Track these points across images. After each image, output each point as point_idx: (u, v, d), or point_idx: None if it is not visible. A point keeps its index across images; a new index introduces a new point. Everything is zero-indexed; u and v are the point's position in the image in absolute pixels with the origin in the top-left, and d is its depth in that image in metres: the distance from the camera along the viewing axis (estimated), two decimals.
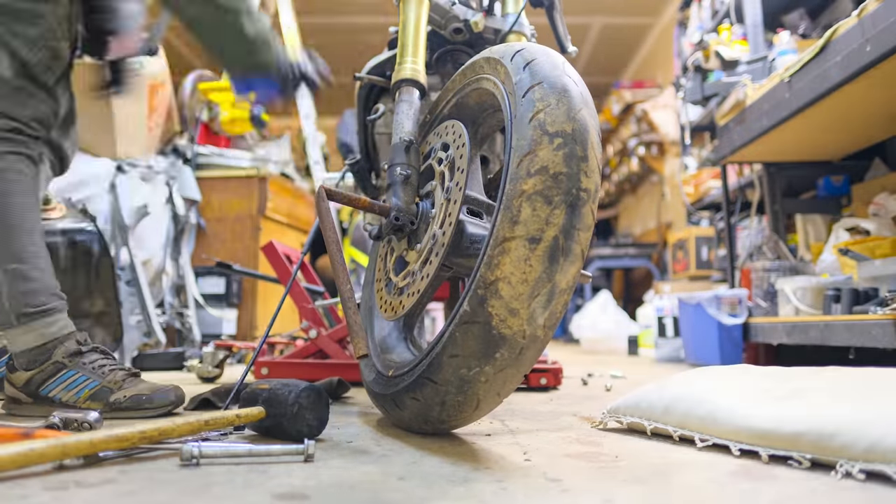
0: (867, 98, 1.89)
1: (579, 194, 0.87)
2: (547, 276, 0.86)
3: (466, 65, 1.15)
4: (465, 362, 0.89)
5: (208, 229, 3.23)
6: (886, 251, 1.83)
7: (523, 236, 0.85)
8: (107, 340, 2.21)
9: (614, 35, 6.61)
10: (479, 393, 0.92)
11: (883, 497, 0.68)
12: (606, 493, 0.70)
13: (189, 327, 2.86)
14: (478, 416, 0.97)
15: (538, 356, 0.92)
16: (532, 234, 0.85)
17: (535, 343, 0.89)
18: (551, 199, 0.85)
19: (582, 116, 0.90)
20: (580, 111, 0.91)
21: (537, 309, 0.86)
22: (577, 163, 0.87)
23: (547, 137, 0.88)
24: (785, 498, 0.69)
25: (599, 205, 7.68)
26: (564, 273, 0.87)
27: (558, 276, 0.86)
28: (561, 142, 0.87)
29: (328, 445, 0.95)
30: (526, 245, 0.85)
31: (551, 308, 0.87)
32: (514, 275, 0.85)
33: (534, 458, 0.88)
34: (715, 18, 3.41)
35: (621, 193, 7.21)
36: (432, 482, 0.74)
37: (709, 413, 0.94)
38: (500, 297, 0.85)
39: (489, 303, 0.86)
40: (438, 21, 1.39)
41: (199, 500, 0.66)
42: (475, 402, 0.93)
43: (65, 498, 0.66)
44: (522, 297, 0.85)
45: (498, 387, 0.92)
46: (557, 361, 1.87)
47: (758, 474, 0.78)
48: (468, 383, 0.91)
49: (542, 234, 0.85)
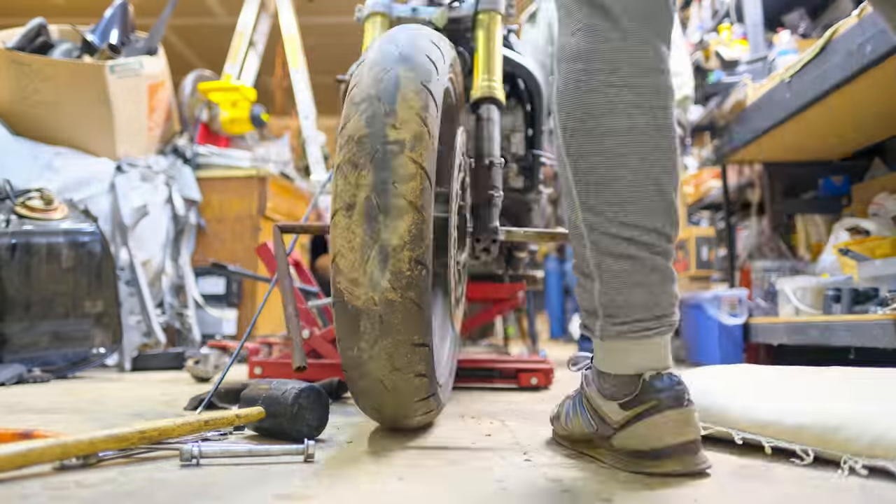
0: (867, 98, 1.89)
1: (387, 148, 0.86)
2: (371, 238, 0.85)
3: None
4: (347, 345, 0.90)
5: (208, 229, 3.23)
6: (886, 251, 1.83)
7: (341, 207, 0.87)
8: (106, 341, 2.21)
9: None
10: (373, 372, 0.90)
11: (883, 498, 0.68)
12: (606, 493, 0.70)
13: (189, 327, 2.85)
14: (403, 400, 0.93)
15: (420, 319, 0.88)
16: (347, 202, 0.86)
17: (394, 306, 0.86)
18: (357, 162, 0.87)
19: (393, 74, 0.90)
20: (390, 70, 0.91)
21: (374, 272, 0.85)
22: (381, 119, 0.87)
23: (354, 108, 0.90)
24: (785, 498, 0.69)
25: None
26: (391, 229, 0.85)
27: (385, 235, 0.85)
28: (365, 106, 0.89)
29: (328, 446, 0.95)
30: (344, 214, 0.86)
31: (391, 268, 0.85)
32: (344, 246, 0.87)
33: (534, 458, 0.88)
34: (715, 18, 3.41)
35: None
36: (432, 482, 0.74)
37: (711, 404, 0.94)
38: (341, 271, 0.87)
39: (337, 279, 0.88)
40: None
41: (199, 500, 0.66)
42: (381, 384, 0.91)
43: (65, 498, 0.66)
44: (356, 265, 0.86)
45: (387, 362, 0.89)
46: (550, 361, 1.86)
47: (758, 474, 0.78)
48: (360, 365, 0.90)
49: (355, 198, 0.86)
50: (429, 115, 0.89)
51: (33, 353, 2.04)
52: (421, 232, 0.86)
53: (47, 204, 2.19)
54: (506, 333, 3.45)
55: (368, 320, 0.87)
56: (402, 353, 0.89)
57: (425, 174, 0.87)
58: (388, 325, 0.87)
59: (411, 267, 0.86)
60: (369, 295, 0.86)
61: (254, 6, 3.62)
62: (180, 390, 1.69)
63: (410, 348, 0.89)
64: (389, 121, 0.87)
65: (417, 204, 0.86)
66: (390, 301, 0.86)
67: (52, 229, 2.14)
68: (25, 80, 2.60)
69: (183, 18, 5.88)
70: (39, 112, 2.66)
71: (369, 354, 0.89)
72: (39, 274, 2.08)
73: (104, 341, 2.20)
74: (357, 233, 0.86)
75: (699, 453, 0.77)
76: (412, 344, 0.89)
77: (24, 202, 2.16)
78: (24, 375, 1.88)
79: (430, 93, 0.90)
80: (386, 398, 0.94)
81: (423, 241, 0.86)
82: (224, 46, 3.68)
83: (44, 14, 3.09)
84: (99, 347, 2.18)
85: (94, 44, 2.80)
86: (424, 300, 0.88)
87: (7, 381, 1.80)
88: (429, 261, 0.88)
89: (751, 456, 0.88)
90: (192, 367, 1.92)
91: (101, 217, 2.55)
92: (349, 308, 0.88)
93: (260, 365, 1.76)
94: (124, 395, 1.61)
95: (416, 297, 0.87)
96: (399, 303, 0.86)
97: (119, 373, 2.29)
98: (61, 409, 1.35)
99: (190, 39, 6.51)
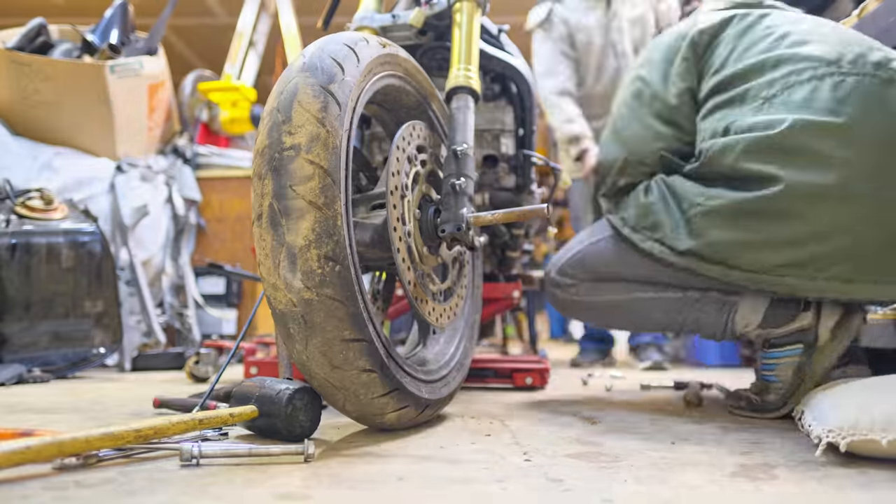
0: None
1: (283, 154, 0.89)
2: (278, 242, 0.88)
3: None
4: (289, 349, 0.93)
5: (208, 229, 3.23)
6: None
7: (254, 218, 0.91)
8: (106, 341, 2.21)
9: None
10: (316, 372, 0.92)
11: (883, 497, 0.68)
12: (606, 493, 0.70)
13: (189, 327, 2.85)
14: (357, 398, 0.95)
15: (345, 314, 0.89)
16: (257, 212, 0.90)
17: (313, 305, 0.88)
18: (260, 173, 0.90)
19: (292, 84, 0.93)
20: (290, 81, 0.93)
21: (286, 275, 0.88)
22: (278, 128, 0.90)
23: (261, 123, 0.93)
24: (785, 498, 0.69)
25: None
26: (294, 231, 0.87)
27: (289, 237, 0.87)
28: (267, 119, 0.92)
29: (328, 446, 0.95)
30: (256, 223, 0.90)
31: (301, 267, 0.87)
32: (260, 254, 0.90)
33: (534, 458, 0.88)
34: None
35: None
36: (432, 482, 0.74)
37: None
38: (263, 278, 0.91)
39: (265, 287, 0.91)
40: (397, 37, 1.47)
41: (199, 500, 0.66)
42: (328, 384, 0.93)
43: (66, 498, 0.66)
44: (271, 270, 0.89)
45: (323, 360, 0.90)
46: (546, 360, 1.86)
47: (758, 474, 0.78)
48: (304, 367, 0.93)
49: (262, 207, 0.90)
50: (328, 115, 0.91)
51: (33, 353, 2.04)
52: (327, 229, 0.88)
53: (47, 204, 2.19)
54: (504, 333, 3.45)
55: (294, 322, 0.90)
56: (335, 350, 0.90)
57: (325, 172, 0.88)
58: (312, 324, 0.89)
59: (321, 265, 0.87)
60: (287, 297, 0.89)
61: (254, 6, 3.62)
62: (180, 390, 1.69)
63: (344, 345, 0.90)
64: (285, 128, 0.90)
65: (318, 203, 0.87)
66: (307, 301, 0.88)
67: (51, 229, 2.14)
68: (25, 80, 2.60)
69: (183, 18, 5.88)
70: (39, 112, 2.66)
71: (306, 355, 0.91)
72: (39, 274, 2.08)
73: (104, 341, 2.20)
74: (267, 239, 0.89)
75: None
76: (343, 340, 0.90)
77: (24, 202, 2.16)
78: (24, 375, 1.88)
79: (330, 94, 0.92)
80: (339, 397, 0.96)
81: (332, 238, 0.88)
82: (224, 46, 3.68)
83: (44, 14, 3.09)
84: (99, 347, 2.18)
85: (94, 44, 2.80)
86: (346, 295, 0.89)
87: (7, 381, 1.80)
88: (344, 255, 0.89)
89: (751, 455, 0.88)
90: (193, 366, 1.92)
91: (101, 217, 2.55)
92: (277, 313, 0.91)
93: (256, 365, 1.76)
94: (124, 395, 1.61)
95: (335, 293, 0.88)
96: (317, 301, 0.88)
97: (119, 373, 2.29)
98: (61, 409, 1.35)
99: (190, 39, 6.51)
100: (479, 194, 1.73)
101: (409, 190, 1.11)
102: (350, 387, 0.94)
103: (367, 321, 0.92)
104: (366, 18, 1.48)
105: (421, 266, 1.13)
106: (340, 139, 0.92)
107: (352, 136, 0.97)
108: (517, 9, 6.02)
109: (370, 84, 1.07)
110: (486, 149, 1.70)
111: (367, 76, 1.05)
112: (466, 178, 1.15)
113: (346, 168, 0.93)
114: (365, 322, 0.92)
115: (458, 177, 1.14)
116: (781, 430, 1.09)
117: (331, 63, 0.95)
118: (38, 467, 0.77)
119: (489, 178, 1.71)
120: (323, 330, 0.89)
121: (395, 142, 1.09)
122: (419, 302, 1.11)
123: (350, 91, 0.96)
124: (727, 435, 1.05)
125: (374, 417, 1.00)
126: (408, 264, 1.08)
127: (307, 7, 3.81)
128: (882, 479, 0.74)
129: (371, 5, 1.52)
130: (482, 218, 1.12)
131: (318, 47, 0.98)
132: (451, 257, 1.24)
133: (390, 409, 0.99)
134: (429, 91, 1.30)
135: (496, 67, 1.62)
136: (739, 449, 0.93)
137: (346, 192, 0.93)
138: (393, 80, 1.16)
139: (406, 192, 1.10)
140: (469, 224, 1.12)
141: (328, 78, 0.94)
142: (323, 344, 0.90)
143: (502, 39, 1.69)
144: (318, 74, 0.94)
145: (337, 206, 0.89)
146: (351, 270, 0.90)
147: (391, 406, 0.99)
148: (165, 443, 0.88)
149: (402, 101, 1.26)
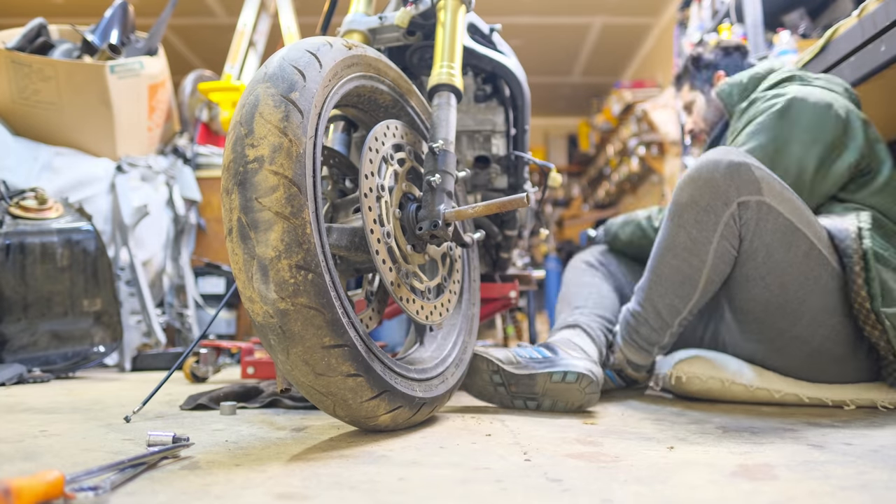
0: (867, 99, 1.88)
1: (247, 168, 0.89)
2: (249, 255, 0.88)
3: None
4: (274, 358, 0.94)
5: (208, 229, 3.23)
6: None
7: (226, 233, 0.91)
8: (106, 339, 2.21)
9: (614, 35, 6.61)
10: (302, 380, 0.93)
11: (883, 497, 0.68)
12: (606, 493, 0.70)
13: (189, 327, 2.86)
14: (346, 403, 0.96)
15: (322, 322, 0.89)
16: (228, 227, 0.91)
17: (289, 315, 0.88)
18: (227, 188, 0.91)
19: (253, 97, 0.93)
20: (252, 93, 0.93)
21: (260, 287, 0.88)
22: (241, 142, 0.90)
23: (227, 141, 0.93)
24: (785, 498, 0.69)
25: (600, 205, 7.69)
26: (263, 243, 0.87)
27: (259, 249, 0.88)
28: (231, 134, 0.92)
29: (328, 446, 0.95)
30: (228, 238, 0.91)
31: (273, 278, 0.87)
32: (235, 268, 0.90)
33: (534, 458, 0.88)
34: (715, 18, 3.41)
35: (621, 193, 7.20)
36: (432, 482, 0.74)
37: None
38: (240, 292, 0.91)
39: (243, 301, 0.91)
40: (386, 39, 1.48)
41: (199, 500, 0.66)
42: (314, 391, 0.94)
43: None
44: (246, 284, 0.89)
45: (306, 368, 0.91)
46: None
47: (758, 474, 0.78)
48: (290, 376, 0.94)
49: (231, 222, 0.90)
50: (289, 125, 0.91)
51: (33, 352, 2.04)
52: (296, 238, 0.88)
53: (41, 203, 2.19)
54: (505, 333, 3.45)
55: (273, 333, 0.90)
56: (317, 358, 0.90)
57: (290, 182, 0.88)
58: (290, 334, 0.89)
59: (293, 274, 0.87)
60: (264, 309, 0.89)
61: (254, 6, 3.63)
62: (180, 390, 1.69)
63: (325, 352, 0.90)
64: (248, 141, 0.90)
65: (285, 213, 0.87)
66: (283, 311, 0.88)
67: (45, 228, 2.14)
68: (25, 80, 2.60)
69: (183, 18, 5.88)
70: (39, 112, 2.67)
71: (289, 365, 0.92)
72: (35, 273, 2.08)
73: (104, 339, 2.20)
74: (239, 253, 0.89)
75: None
76: (324, 347, 0.90)
77: (17, 202, 2.16)
78: (24, 375, 1.88)
79: (291, 103, 0.92)
80: (328, 403, 0.96)
81: (302, 246, 0.88)
82: (224, 46, 3.68)
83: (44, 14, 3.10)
84: (99, 345, 2.18)
85: (94, 44, 2.80)
86: (322, 302, 0.89)
87: (7, 381, 1.81)
88: (315, 263, 0.89)
89: (751, 455, 0.88)
90: (193, 366, 1.92)
91: (101, 217, 2.55)
92: (257, 325, 0.92)
93: (252, 365, 1.76)
94: (124, 394, 1.61)
95: (310, 301, 0.88)
96: (293, 311, 0.88)
97: (119, 373, 2.29)
98: (61, 409, 1.35)
99: (190, 39, 6.52)
100: (471, 195, 1.72)
101: (385, 190, 1.11)
102: (337, 392, 0.94)
103: (347, 326, 0.92)
104: (354, 21, 1.49)
105: (405, 265, 1.13)
106: (304, 147, 0.92)
107: (318, 143, 0.97)
108: (515, 10, 6.02)
109: (336, 88, 1.07)
110: (478, 150, 1.69)
111: (333, 80, 1.05)
112: (444, 175, 1.15)
113: (314, 175, 0.94)
114: (345, 327, 0.92)
115: (435, 174, 1.14)
116: (781, 431, 1.09)
117: (291, 71, 0.95)
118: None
119: (482, 180, 1.71)
120: (302, 339, 0.89)
121: (366, 142, 1.09)
122: (405, 301, 1.11)
123: (313, 97, 0.96)
124: (727, 435, 1.05)
125: (368, 420, 1.00)
126: (389, 265, 1.08)
127: (307, 7, 3.81)
128: (882, 479, 0.74)
129: (361, 8, 1.52)
130: (462, 212, 1.12)
131: (281, 56, 0.98)
132: (440, 254, 1.24)
133: (382, 411, 0.99)
134: (405, 88, 1.29)
135: (487, 67, 1.60)
136: (739, 449, 0.93)
137: (316, 199, 0.93)
138: (364, 81, 1.16)
139: (382, 192, 1.10)
140: (447, 220, 1.12)
141: (289, 86, 0.93)
142: (304, 352, 0.90)
143: (494, 39, 1.67)
144: (278, 84, 0.93)
145: (305, 215, 0.89)
146: (325, 277, 0.90)
147: (383, 408, 0.99)
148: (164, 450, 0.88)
149: (378, 100, 1.26)
